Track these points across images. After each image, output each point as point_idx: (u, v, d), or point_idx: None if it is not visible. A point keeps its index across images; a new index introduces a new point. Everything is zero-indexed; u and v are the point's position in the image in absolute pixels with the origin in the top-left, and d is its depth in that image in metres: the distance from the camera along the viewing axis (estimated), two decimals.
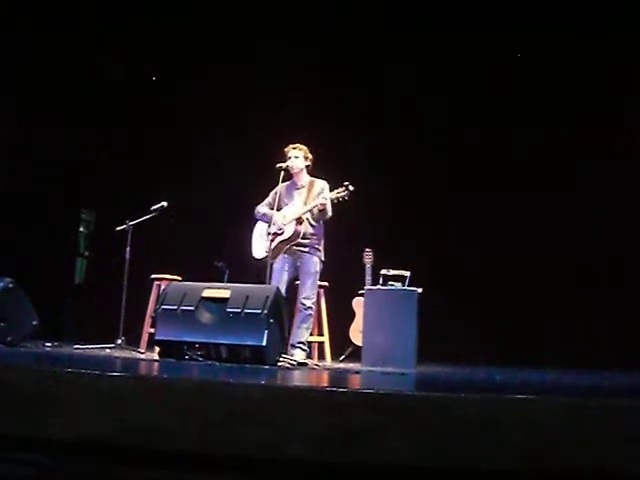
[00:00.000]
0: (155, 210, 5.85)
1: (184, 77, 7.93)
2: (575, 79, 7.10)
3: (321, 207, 5.25)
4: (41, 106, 7.68)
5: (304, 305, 5.32)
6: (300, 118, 7.21)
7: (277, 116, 7.37)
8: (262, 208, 5.58)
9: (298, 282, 5.46)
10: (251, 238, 5.60)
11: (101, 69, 8.06)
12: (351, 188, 5.17)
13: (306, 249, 5.39)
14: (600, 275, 6.88)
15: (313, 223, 5.40)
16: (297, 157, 5.47)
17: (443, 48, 7.35)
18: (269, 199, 5.58)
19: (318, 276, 5.44)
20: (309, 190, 5.44)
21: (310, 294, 5.34)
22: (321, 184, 5.47)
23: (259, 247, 5.50)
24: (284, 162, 5.45)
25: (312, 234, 5.41)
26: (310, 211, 5.35)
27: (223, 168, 7.62)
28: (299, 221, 5.33)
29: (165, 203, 5.86)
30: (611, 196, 6.95)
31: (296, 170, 5.49)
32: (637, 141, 6.80)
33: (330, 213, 5.31)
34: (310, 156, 5.52)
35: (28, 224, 7.51)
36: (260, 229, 5.58)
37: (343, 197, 5.20)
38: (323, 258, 5.47)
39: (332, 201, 5.29)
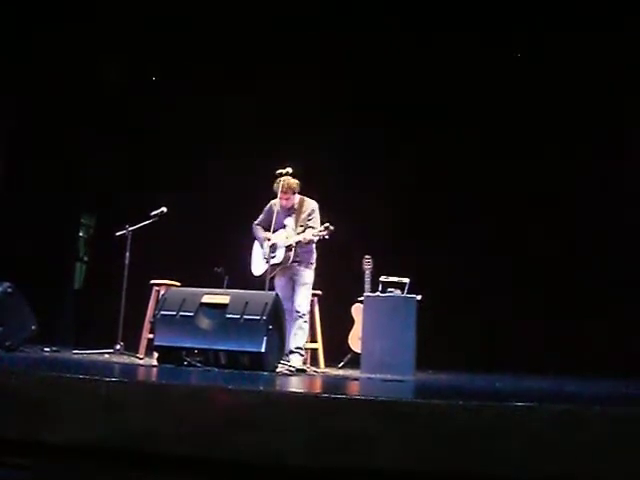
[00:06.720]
0: (155, 215, 5.86)
1: (184, 78, 7.92)
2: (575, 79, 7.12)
3: (305, 241, 5.38)
4: (41, 108, 7.69)
5: (299, 312, 5.42)
6: (300, 123, 7.22)
7: (277, 119, 7.37)
8: (257, 230, 5.63)
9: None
10: (251, 253, 5.67)
11: (101, 71, 8.04)
12: (332, 228, 5.28)
13: (300, 264, 5.49)
14: (600, 281, 6.87)
15: (302, 245, 5.48)
16: (289, 199, 5.51)
17: (442, 51, 7.37)
18: (265, 216, 5.63)
19: (311, 285, 5.58)
20: (299, 212, 5.54)
21: (304, 302, 5.48)
22: (311, 205, 5.55)
23: (258, 265, 5.59)
24: (284, 169, 5.46)
25: (304, 251, 5.50)
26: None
27: (223, 173, 7.62)
28: (289, 248, 5.43)
29: (165, 208, 5.86)
30: (611, 198, 6.95)
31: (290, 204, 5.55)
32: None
33: (315, 240, 5.39)
34: (297, 186, 5.52)
35: (28, 228, 7.50)
36: (258, 246, 5.66)
37: (323, 236, 5.32)
38: (314, 264, 5.57)
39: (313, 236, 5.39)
